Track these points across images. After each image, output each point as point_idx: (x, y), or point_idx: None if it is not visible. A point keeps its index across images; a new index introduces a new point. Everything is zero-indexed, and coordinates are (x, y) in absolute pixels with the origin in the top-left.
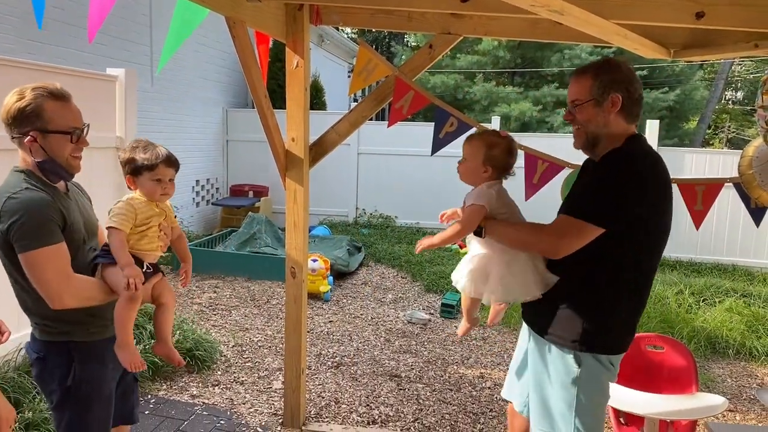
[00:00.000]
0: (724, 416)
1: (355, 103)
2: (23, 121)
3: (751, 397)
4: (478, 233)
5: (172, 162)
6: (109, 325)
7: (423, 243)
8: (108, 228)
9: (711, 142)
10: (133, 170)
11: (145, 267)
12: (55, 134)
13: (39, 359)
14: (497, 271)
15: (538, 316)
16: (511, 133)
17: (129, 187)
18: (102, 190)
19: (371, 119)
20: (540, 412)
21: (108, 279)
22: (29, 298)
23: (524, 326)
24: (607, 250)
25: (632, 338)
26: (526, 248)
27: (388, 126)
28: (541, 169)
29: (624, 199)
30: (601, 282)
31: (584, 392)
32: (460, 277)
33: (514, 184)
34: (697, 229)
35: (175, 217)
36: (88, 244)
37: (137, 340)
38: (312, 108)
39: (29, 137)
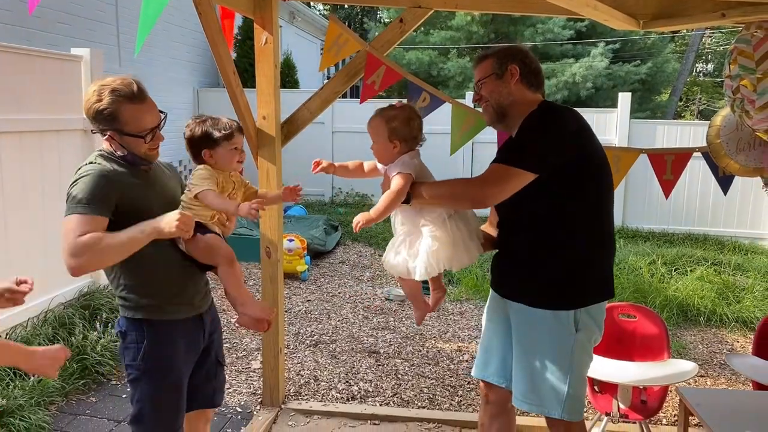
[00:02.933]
0: (696, 381)
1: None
2: (102, 122)
3: (722, 362)
4: (405, 200)
5: (242, 130)
6: (184, 307)
7: (360, 220)
8: (198, 194)
9: (682, 115)
10: (212, 143)
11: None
12: (130, 137)
13: (120, 333)
14: (426, 244)
15: (522, 286)
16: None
17: (199, 163)
18: (70, 173)
19: (345, 97)
20: (527, 385)
21: (195, 250)
22: (111, 271)
23: (492, 304)
24: (560, 202)
25: (612, 280)
26: (454, 202)
27: (360, 102)
28: None
29: (549, 142)
30: (567, 235)
31: (579, 354)
32: (394, 264)
33: (486, 155)
34: (666, 197)
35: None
36: None
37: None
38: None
39: (108, 135)
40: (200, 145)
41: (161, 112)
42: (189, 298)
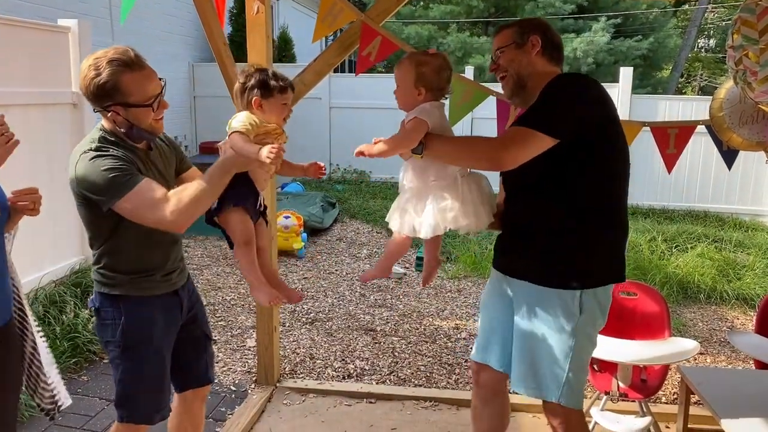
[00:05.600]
0: (695, 359)
1: None
2: (103, 97)
3: (722, 339)
4: (416, 150)
5: (293, 88)
6: (162, 283)
7: (364, 150)
8: (231, 133)
9: (684, 91)
10: (266, 92)
11: (260, 202)
12: (136, 107)
13: (95, 310)
14: (434, 200)
15: (526, 263)
16: (485, 84)
17: (248, 110)
18: (59, 148)
19: (342, 72)
20: (526, 367)
21: (230, 224)
22: (93, 245)
23: (494, 285)
24: (575, 174)
25: (624, 263)
26: (471, 160)
27: (356, 74)
28: (513, 115)
29: (571, 107)
30: (579, 210)
31: (580, 339)
32: (400, 222)
33: (486, 132)
34: (669, 172)
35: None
36: None
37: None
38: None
39: (112, 112)
40: (252, 93)
41: (160, 78)
42: (167, 274)
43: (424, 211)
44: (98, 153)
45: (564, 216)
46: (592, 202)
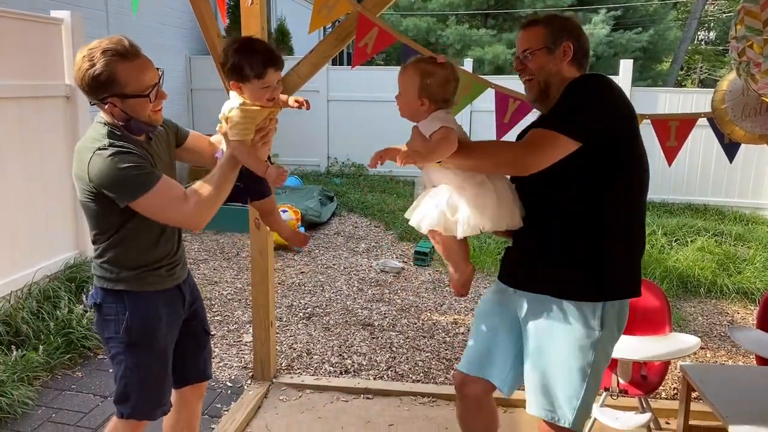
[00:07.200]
0: (695, 354)
1: None
2: (99, 89)
3: (722, 334)
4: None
5: (279, 64)
6: (166, 278)
7: (407, 158)
8: (232, 141)
9: (683, 84)
10: (241, 78)
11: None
12: (133, 98)
13: (95, 305)
14: (467, 198)
15: (543, 275)
16: (485, 77)
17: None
18: (52, 141)
19: (341, 64)
20: (540, 388)
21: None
22: (96, 240)
23: (497, 297)
24: (598, 180)
25: (640, 277)
26: (494, 165)
27: (352, 66)
28: (512, 108)
29: (596, 109)
30: (599, 219)
31: (599, 356)
32: (425, 214)
33: (485, 125)
34: (670, 165)
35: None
36: None
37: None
38: None
39: (108, 104)
40: (228, 76)
41: (157, 68)
42: (171, 268)
43: (458, 210)
44: (115, 150)
45: (585, 225)
46: (614, 211)
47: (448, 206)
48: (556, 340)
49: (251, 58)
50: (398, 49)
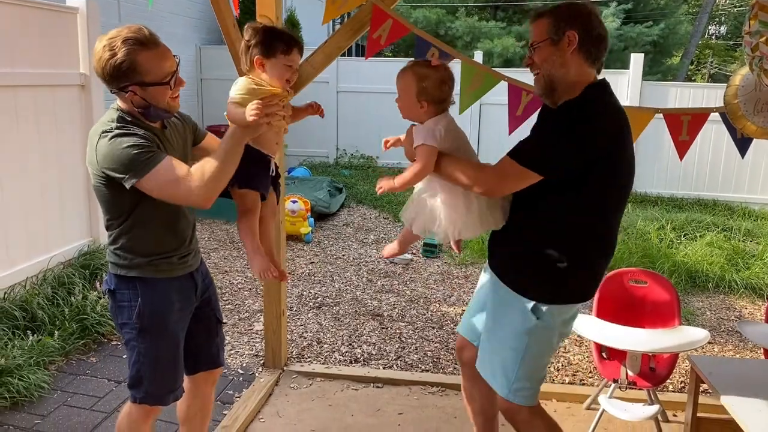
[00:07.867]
0: (703, 348)
1: None
2: (120, 78)
3: (730, 329)
4: None
5: (302, 48)
6: (178, 266)
7: (384, 186)
8: (229, 104)
9: (693, 78)
10: (269, 51)
11: (271, 169)
12: (154, 86)
13: (109, 291)
14: (443, 211)
15: (501, 261)
16: (496, 69)
17: (250, 69)
18: (67, 130)
19: (350, 55)
20: (485, 356)
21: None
22: (111, 227)
23: (486, 267)
24: (565, 199)
25: (596, 287)
26: (466, 185)
27: (366, 57)
28: (525, 101)
29: (568, 151)
30: (563, 231)
31: (534, 344)
32: (409, 217)
33: (494, 118)
34: (681, 159)
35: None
36: None
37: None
38: None
39: (129, 92)
40: (254, 51)
41: (174, 56)
42: (183, 256)
43: (435, 220)
44: (119, 132)
45: (543, 233)
46: (578, 227)
47: (431, 211)
48: (500, 318)
49: (281, 35)
50: (407, 41)
